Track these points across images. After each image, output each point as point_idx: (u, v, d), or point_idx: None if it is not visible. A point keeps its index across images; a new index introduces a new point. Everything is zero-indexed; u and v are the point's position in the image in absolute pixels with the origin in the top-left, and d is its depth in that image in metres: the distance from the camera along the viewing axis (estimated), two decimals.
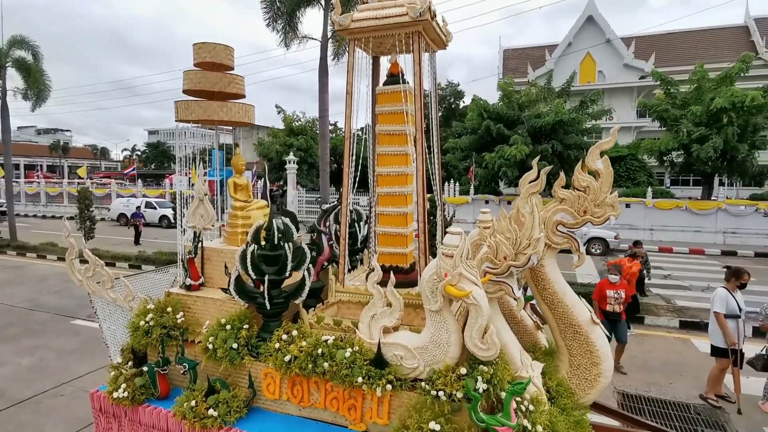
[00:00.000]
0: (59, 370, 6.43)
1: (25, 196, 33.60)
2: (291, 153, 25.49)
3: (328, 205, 4.93)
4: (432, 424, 2.86)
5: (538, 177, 3.73)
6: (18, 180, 36.28)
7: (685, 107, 19.03)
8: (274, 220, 3.69)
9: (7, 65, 15.71)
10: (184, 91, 4.70)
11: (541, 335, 4.13)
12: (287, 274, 3.65)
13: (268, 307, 3.60)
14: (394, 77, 3.97)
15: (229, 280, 3.68)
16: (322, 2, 10.90)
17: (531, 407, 3.06)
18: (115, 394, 3.75)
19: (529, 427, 2.92)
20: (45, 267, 13.64)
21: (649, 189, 20.10)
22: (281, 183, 31.25)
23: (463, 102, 46.92)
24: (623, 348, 6.38)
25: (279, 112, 30.62)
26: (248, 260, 3.57)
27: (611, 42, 39.12)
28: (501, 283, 3.28)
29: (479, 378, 2.93)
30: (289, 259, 3.60)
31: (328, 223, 4.77)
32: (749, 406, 5.39)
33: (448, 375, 2.97)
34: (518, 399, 3.06)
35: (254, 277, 3.61)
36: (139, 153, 74.64)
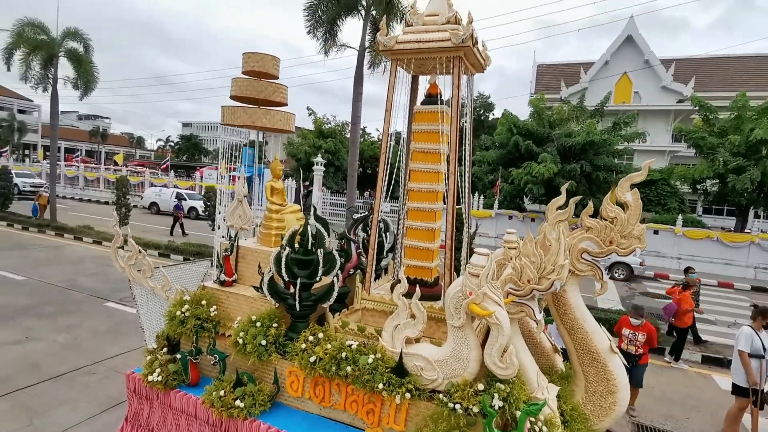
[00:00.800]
0: (92, 349, 6.78)
1: (64, 178, 35.11)
2: (319, 155, 25.91)
3: (358, 215, 5.11)
4: None
5: (566, 203, 3.80)
6: (59, 163, 37.99)
7: (723, 136, 18.54)
8: (308, 226, 3.89)
9: (60, 55, 16.60)
10: (232, 97, 4.98)
11: (558, 358, 4.19)
12: (318, 278, 3.85)
13: (298, 309, 3.79)
14: (432, 97, 4.13)
15: (262, 280, 3.89)
16: (362, 13, 11.19)
17: (545, 428, 3.14)
18: (150, 378, 4.00)
19: None
20: (82, 249, 14.30)
21: (680, 217, 19.61)
22: (307, 183, 31.79)
23: (493, 114, 46.69)
24: (637, 392, 6.07)
25: (310, 114, 31.19)
26: (282, 263, 3.77)
27: (650, 63, 38.38)
28: (523, 305, 3.37)
29: (496, 395, 3.04)
30: (320, 264, 3.79)
31: (356, 231, 4.95)
32: None
33: (465, 389, 3.09)
34: (532, 419, 3.15)
35: (286, 279, 3.81)
36: (172, 144, 77.04)
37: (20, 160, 48.40)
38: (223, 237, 5.18)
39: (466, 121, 4.42)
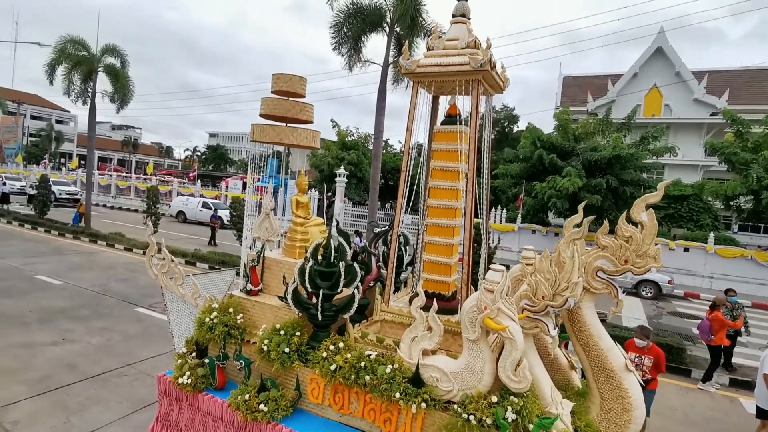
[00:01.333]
0: (124, 352, 7.11)
1: (97, 187, 36.61)
2: (342, 167, 26.31)
3: (379, 229, 5.27)
4: None
5: (581, 222, 3.86)
6: (93, 172, 39.68)
7: (758, 151, 18.02)
8: (331, 239, 4.08)
9: (99, 70, 17.53)
10: (261, 115, 5.26)
11: (574, 375, 4.23)
12: (339, 290, 4.02)
13: (320, 319, 3.97)
14: (452, 118, 4.29)
15: (286, 290, 4.09)
16: (386, 30, 11.50)
17: None
18: (180, 380, 4.23)
19: None
20: (113, 255, 14.92)
21: (712, 234, 19.06)
22: (330, 194, 32.25)
23: (518, 126, 46.42)
24: (645, 423, 5.64)
25: (333, 126, 31.75)
26: (306, 274, 3.96)
27: (681, 75, 37.62)
28: (537, 321, 3.45)
29: (509, 408, 3.13)
30: (342, 276, 3.96)
31: (377, 245, 5.11)
32: None
33: (479, 401, 3.19)
34: None
35: (309, 290, 3.99)
36: (199, 154, 79.36)
37: (57, 168, 50.66)
38: (249, 248, 5.42)
39: (485, 140, 4.55)
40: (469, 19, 4.32)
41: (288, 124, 5.26)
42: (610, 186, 18.64)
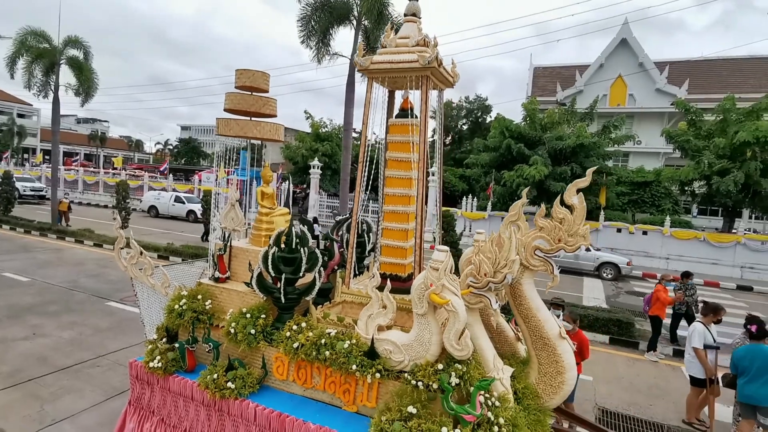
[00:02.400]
0: (96, 344, 7.21)
1: (64, 182, 35.54)
2: (316, 158, 26.37)
3: (341, 217, 5.54)
4: (410, 408, 3.43)
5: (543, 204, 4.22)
6: (59, 167, 38.46)
7: (710, 138, 19.04)
8: (293, 227, 4.34)
9: (61, 63, 17.06)
10: (225, 110, 5.44)
11: (520, 346, 4.63)
12: (301, 274, 4.29)
13: (283, 301, 4.24)
14: (405, 111, 4.58)
15: (252, 276, 4.34)
16: (354, 23, 11.65)
17: (497, 403, 3.58)
18: (150, 364, 4.44)
19: (492, 418, 3.44)
20: (83, 252, 14.72)
21: (668, 218, 20.10)
22: (304, 186, 32.24)
23: (490, 116, 47.11)
24: (572, 407, 5.36)
25: (307, 118, 31.66)
26: (269, 261, 4.22)
27: (644, 66, 38.94)
28: (481, 296, 3.82)
29: (453, 374, 3.49)
30: (303, 261, 4.24)
31: (340, 232, 5.39)
32: (721, 431, 5.74)
33: (427, 369, 3.53)
34: (487, 395, 3.59)
35: (273, 275, 4.25)
36: (171, 147, 77.47)
37: (20, 164, 48.80)
38: (218, 239, 5.62)
39: (437, 132, 4.87)
40: (420, 18, 4.60)
41: (252, 118, 5.46)
42: (574, 173, 19.40)
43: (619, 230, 20.47)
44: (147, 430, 4.52)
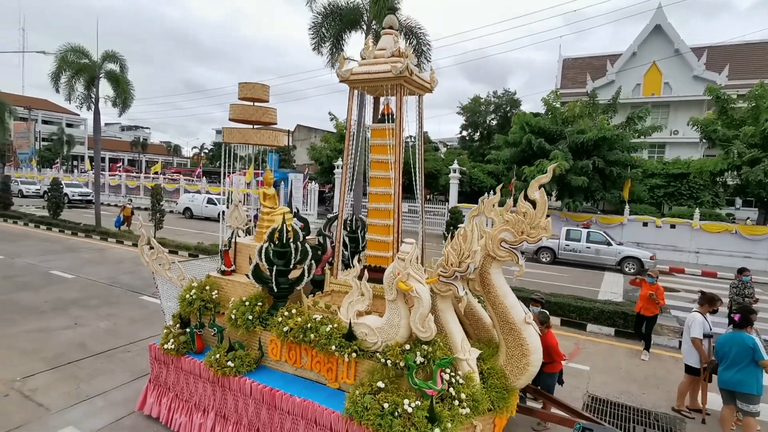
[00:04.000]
0: (128, 333, 8.01)
1: (108, 187, 37.91)
2: (340, 158, 27.02)
3: (332, 214, 6.01)
4: (379, 383, 3.86)
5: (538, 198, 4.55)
6: (103, 173, 41.02)
7: (741, 127, 18.30)
8: (284, 224, 4.84)
9: (100, 76, 18.40)
10: (230, 119, 6.02)
11: (496, 332, 4.96)
12: (292, 266, 4.79)
13: (276, 291, 4.75)
14: (384, 116, 4.99)
15: (252, 269, 4.87)
16: (365, 27, 12.10)
17: (461, 381, 3.96)
18: (165, 346, 5.07)
19: (454, 394, 3.82)
20: (122, 251, 15.91)
21: (697, 210, 19.47)
22: (330, 186, 33.03)
23: (525, 112, 46.55)
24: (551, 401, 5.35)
25: (332, 119, 32.40)
26: (263, 254, 4.74)
27: (680, 52, 37.40)
28: (449, 284, 4.19)
29: (418, 353, 3.89)
30: (293, 255, 4.74)
31: (331, 228, 5.86)
32: (714, 419, 5.83)
33: (395, 349, 3.95)
34: (452, 373, 3.97)
35: (267, 267, 4.77)
36: (206, 151, 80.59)
37: (69, 171, 52.16)
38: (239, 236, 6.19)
39: (417, 135, 5.26)
40: (397, 30, 5.00)
41: (254, 126, 6.02)
42: (596, 167, 19.11)
43: (645, 224, 20.01)
44: (164, 404, 5.15)
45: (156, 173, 39.60)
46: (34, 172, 46.79)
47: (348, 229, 5.98)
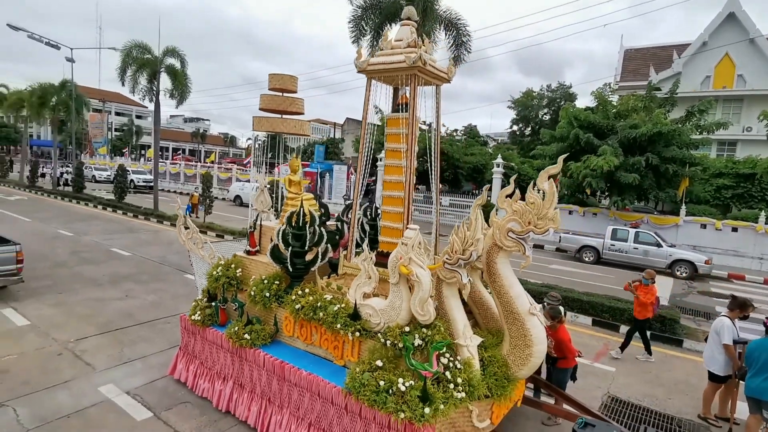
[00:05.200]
0: (171, 307, 8.68)
1: (169, 175, 40.49)
2: (383, 152, 27.27)
3: (350, 201, 6.20)
4: (378, 362, 4.02)
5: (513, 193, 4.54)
6: (165, 161, 43.86)
7: None
8: (302, 208, 5.09)
9: (161, 71, 19.69)
10: (260, 109, 6.36)
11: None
12: (307, 248, 5.04)
13: (291, 270, 5.02)
14: (400, 106, 5.09)
15: (269, 249, 5.18)
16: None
17: (459, 366, 4.04)
18: (193, 318, 5.52)
19: (450, 377, 3.91)
20: (174, 233, 17.05)
21: (762, 213, 17.89)
22: (373, 179, 33.37)
23: (575, 105, 44.72)
24: (563, 396, 5.27)
25: (377, 113, 32.60)
26: (280, 236, 5.02)
27: (756, 42, 34.25)
28: (454, 272, 4.26)
29: (417, 336, 4.01)
30: (308, 237, 4.98)
31: (348, 215, 6.06)
32: (741, 429, 5.49)
33: (395, 330, 4.09)
34: (451, 358, 4.06)
35: (283, 248, 5.05)
36: (260, 142, 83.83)
37: (136, 159, 56.09)
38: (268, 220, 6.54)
39: (433, 125, 5.32)
40: (415, 21, 5.07)
41: (283, 116, 6.33)
42: (650, 164, 18.02)
43: (703, 226, 18.67)
44: (191, 370, 5.61)
45: (212, 162, 41.79)
46: (106, 159, 50.80)
47: (368, 216, 6.16)
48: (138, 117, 72.82)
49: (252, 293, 5.15)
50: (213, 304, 5.57)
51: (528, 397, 5.22)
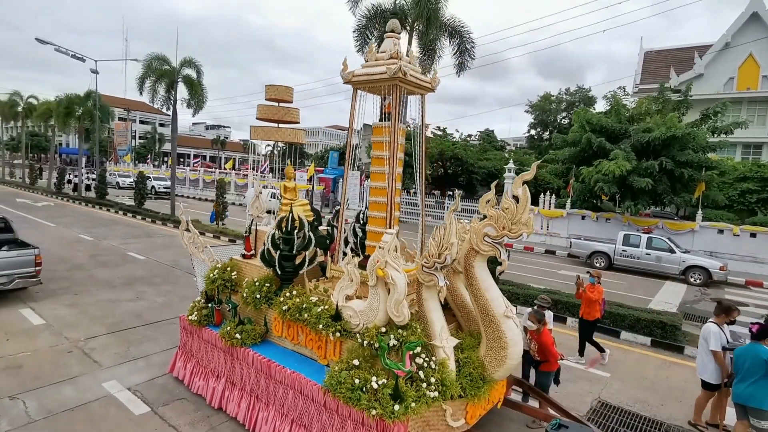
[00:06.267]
0: (179, 308, 8.99)
1: (188, 181, 41.59)
2: None
3: (339, 207, 6.40)
4: (354, 361, 4.19)
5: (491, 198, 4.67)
6: (185, 168, 45.08)
7: None
8: (290, 214, 5.32)
9: (178, 80, 20.40)
10: (257, 118, 6.64)
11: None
12: (295, 252, 5.26)
13: (279, 273, 5.24)
14: (387, 115, 5.28)
15: (260, 252, 5.41)
16: (408, 27, 12.38)
17: (434, 366, 4.17)
18: (190, 318, 5.79)
19: (423, 377, 4.05)
20: None
21: None
22: None
23: (593, 109, 44.17)
24: (547, 400, 5.35)
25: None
26: (270, 240, 5.25)
27: None
28: (431, 275, 4.40)
29: (392, 336, 4.17)
30: (295, 241, 5.20)
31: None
32: None
33: (372, 331, 4.25)
34: (426, 358, 4.19)
35: (273, 252, 5.28)
36: (278, 149, 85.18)
37: (158, 166, 57.76)
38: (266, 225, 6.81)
39: (417, 133, 5.48)
40: (399, 33, 5.26)
41: (279, 125, 6.59)
42: (663, 168, 17.72)
43: (720, 231, 18.22)
44: (188, 369, 5.88)
45: (231, 169, 42.72)
46: (129, 166, 52.47)
47: (360, 221, 6.35)
48: (161, 125, 75.01)
49: (244, 295, 5.39)
50: (209, 305, 5.83)
51: (509, 399, 5.30)
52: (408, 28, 12.17)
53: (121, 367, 6.35)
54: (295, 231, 5.28)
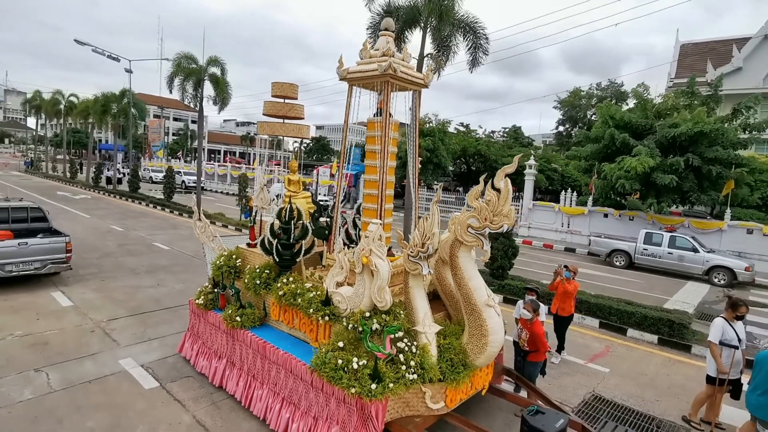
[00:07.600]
0: (194, 294, 9.50)
1: (217, 176, 42.90)
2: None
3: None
4: (339, 343, 4.43)
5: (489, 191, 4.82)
6: (213, 164, 46.49)
7: None
8: (289, 205, 5.60)
9: (204, 79, 21.11)
10: (263, 114, 6.96)
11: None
12: (292, 241, 5.54)
13: (278, 260, 5.54)
14: (379, 111, 5.48)
15: (259, 240, 5.73)
16: (422, 24, 12.46)
17: (415, 350, 4.37)
18: (197, 301, 6.18)
19: (402, 359, 4.25)
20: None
21: None
22: (406, 180, 33.71)
23: (626, 104, 42.84)
24: (533, 390, 5.44)
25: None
26: (269, 229, 5.56)
27: None
28: (416, 263, 4.59)
29: (376, 321, 4.39)
30: (292, 231, 5.48)
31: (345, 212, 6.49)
32: None
33: (357, 315, 4.48)
34: (408, 343, 4.39)
35: (273, 241, 5.58)
36: (305, 145, 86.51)
37: (190, 161, 59.72)
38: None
39: (408, 129, 5.65)
40: (393, 32, 5.44)
41: (284, 121, 6.89)
42: (690, 165, 17.15)
43: (750, 231, 17.51)
44: (194, 349, 6.28)
45: (258, 164, 43.78)
46: (162, 161, 54.49)
47: (359, 213, 6.58)
48: (193, 122, 77.32)
49: (246, 281, 5.72)
50: (215, 290, 6.20)
51: (496, 388, 5.44)
52: (422, 24, 12.27)
53: (137, 347, 6.82)
54: (293, 221, 5.57)
